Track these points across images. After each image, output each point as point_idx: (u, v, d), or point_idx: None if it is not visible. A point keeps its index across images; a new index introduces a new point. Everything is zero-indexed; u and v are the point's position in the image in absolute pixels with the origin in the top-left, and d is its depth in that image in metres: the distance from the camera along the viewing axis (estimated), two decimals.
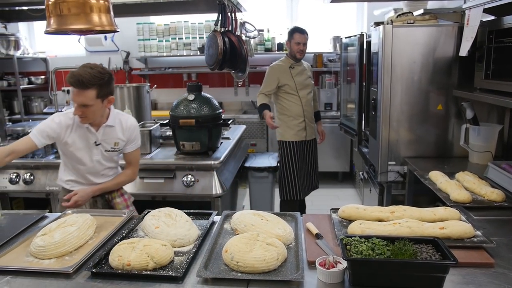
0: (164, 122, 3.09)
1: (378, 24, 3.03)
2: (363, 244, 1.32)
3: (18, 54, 5.66)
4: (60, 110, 2.17)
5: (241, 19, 4.00)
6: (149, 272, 1.37)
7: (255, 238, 1.44)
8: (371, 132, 3.24)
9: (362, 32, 3.64)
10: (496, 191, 1.97)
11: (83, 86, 1.94)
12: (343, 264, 1.30)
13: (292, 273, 1.34)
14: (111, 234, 1.69)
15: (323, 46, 5.72)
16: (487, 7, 2.27)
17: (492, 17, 2.48)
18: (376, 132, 2.98)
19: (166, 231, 1.59)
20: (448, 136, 2.88)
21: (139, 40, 5.66)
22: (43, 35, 2.99)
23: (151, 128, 3.03)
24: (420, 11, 2.99)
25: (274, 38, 5.61)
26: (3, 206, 2.92)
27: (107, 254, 1.46)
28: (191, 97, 2.88)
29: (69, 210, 1.98)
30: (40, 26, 5.95)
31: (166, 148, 3.20)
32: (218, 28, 3.33)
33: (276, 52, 5.59)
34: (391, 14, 3.64)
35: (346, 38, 4.31)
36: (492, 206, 1.90)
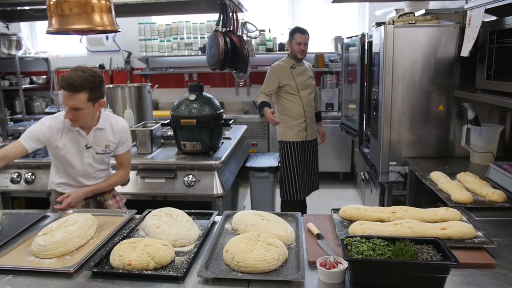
0: (165, 122, 3.09)
1: (379, 24, 3.03)
2: (364, 245, 1.32)
3: (20, 54, 5.68)
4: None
5: (242, 19, 4.00)
6: (150, 272, 1.37)
7: (256, 238, 1.44)
8: (372, 132, 3.24)
9: (363, 33, 3.64)
10: (497, 191, 1.97)
11: (75, 89, 1.93)
12: (344, 264, 1.30)
13: (293, 273, 1.34)
14: (112, 233, 1.69)
15: (325, 46, 5.72)
16: (489, 7, 2.27)
17: (494, 17, 2.48)
18: (377, 133, 2.98)
19: (167, 231, 1.59)
20: (449, 136, 2.87)
21: (140, 40, 5.67)
22: (44, 35, 2.99)
23: (152, 128, 3.03)
24: (422, 11, 2.99)
25: (275, 38, 5.61)
26: (4, 205, 2.93)
27: (108, 254, 1.46)
28: (192, 97, 2.88)
29: (70, 210, 1.98)
30: (42, 26, 5.96)
31: (167, 148, 3.20)
32: (219, 28, 3.33)
33: (278, 52, 5.59)
34: (393, 15, 3.65)
35: (347, 38, 4.31)
36: (493, 207, 1.90)
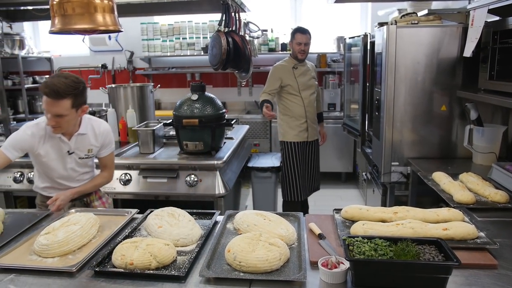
0: (168, 122, 3.09)
1: (382, 24, 3.03)
2: (366, 245, 1.32)
3: (23, 53, 5.69)
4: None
5: (244, 19, 4.01)
6: (151, 271, 1.37)
7: (258, 238, 1.44)
8: (374, 132, 3.23)
9: (366, 33, 3.64)
10: (500, 192, 1.96)
11: (58, 96, 1.90)
12: (346, 264, 1.30)
13: (294, 273, 1.34)
14: (114, 233, 1.69)
15: (327, 47, 5.71)
16: (492, 7, 2.26)
17: (496, 17, 2.47)
18: (380, 133, 2.97)
19: (169, 231, 1.60)
20: (452, 137, 2.87)
21: (143, 40, 5.68)
22: (47, 35, 2.99)
23: (155, 128, 3.04)
24: (424, 11, 2.98)
25: (277, 38, 5.61)
26: (7, 204, 2.94)
27: (110, 253, 1.46)
28: (195, 97, 2.89)
29: (71, 210, 1.99)
30: (44, 25, 5.98)
31: (169, 147, 3.21)
32: (222, 28, 3.34)
33: (280, 52, 5.59)
34: (395, 15, 3.64)
35: (350, 38, 4.31)
36: (495, 207, 1.90)
